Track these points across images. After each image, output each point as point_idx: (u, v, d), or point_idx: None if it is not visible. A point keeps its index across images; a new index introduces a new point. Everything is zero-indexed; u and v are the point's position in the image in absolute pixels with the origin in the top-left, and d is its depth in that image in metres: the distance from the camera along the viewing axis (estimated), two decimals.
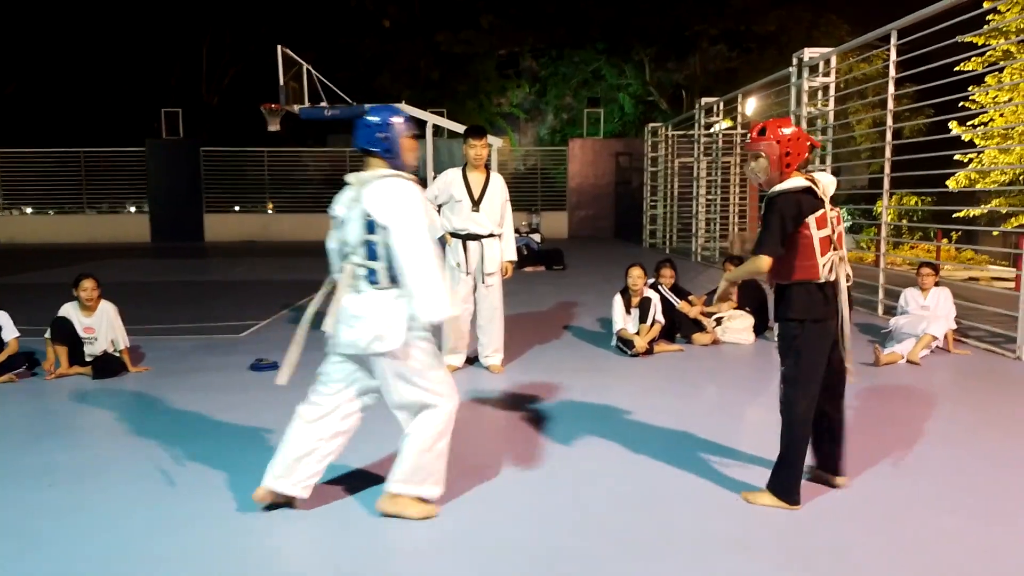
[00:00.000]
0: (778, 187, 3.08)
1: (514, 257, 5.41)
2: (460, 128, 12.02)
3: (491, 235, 5.26)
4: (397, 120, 2.97)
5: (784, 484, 3.04)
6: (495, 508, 3.11)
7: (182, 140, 19.86)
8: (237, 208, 22.31)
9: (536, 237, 14.03)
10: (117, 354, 5.33)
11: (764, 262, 3.03)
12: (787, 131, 3.10)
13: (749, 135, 3.26)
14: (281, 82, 11.31)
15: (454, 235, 5.24)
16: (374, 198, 2.84)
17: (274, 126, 11.68)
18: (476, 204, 5.18)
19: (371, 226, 2.84)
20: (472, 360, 5.50)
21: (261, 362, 5.52)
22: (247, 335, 6.76)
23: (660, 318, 6.07)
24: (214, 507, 3.08)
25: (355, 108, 12.16)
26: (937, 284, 6.11)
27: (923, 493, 3.23)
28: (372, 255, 2.85)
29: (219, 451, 3.74)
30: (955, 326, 6.14)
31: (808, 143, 3.13)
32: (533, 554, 2.70)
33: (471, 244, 5.21)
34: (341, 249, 2.95)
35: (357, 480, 3.35)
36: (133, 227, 20.15)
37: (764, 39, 21.97)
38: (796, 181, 3.06)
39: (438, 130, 12.54)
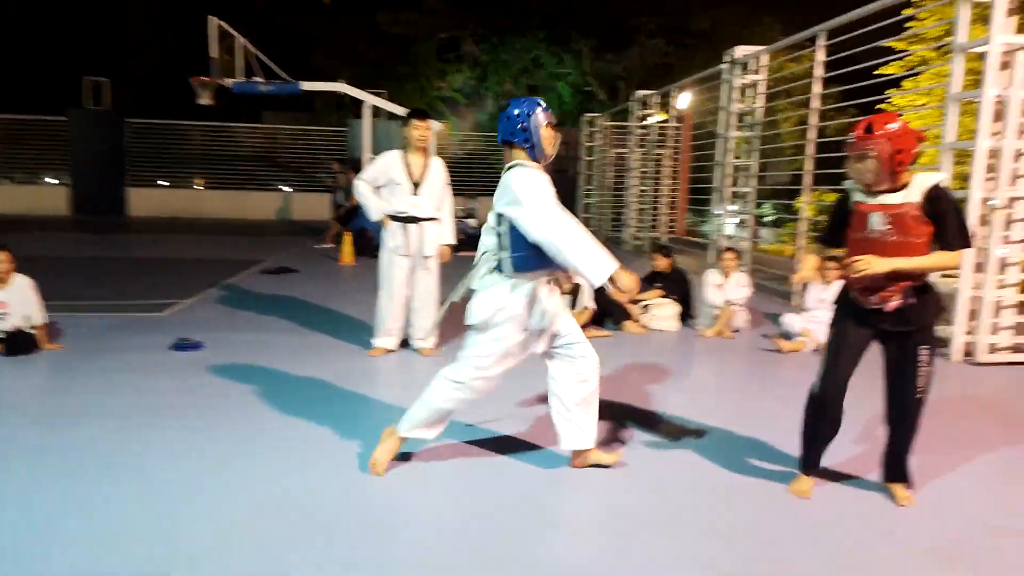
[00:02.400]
0: (937, 179, 2.89)
1: (453, 241, 5.45)
2: (400, 110, 11.89)
3: (431, 219, 5.28)
4: (537, 111, 3.08)
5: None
6: (426, 487, 3.16)
7: (107, 111, 18.97)
8: (164, 183, 21.50)
9: (472, 222, 14.05)
10: (31, 330, 5.13)
11: (961, 257, 2.92)
12: (894, 126, 2.83)
13: (854, 134, 2.91)
14: (213, 54, 10.95)
15: (393, 218, 5.23)
16: (500, 190, 3.03)
17: (205, 100, 11.30)
18: (417, 187, 5.19)
19: (498, 218, 3.04)
20: (404, 344, 5.51)
21: (184, 342, 5.40)
22: (171, 314, 6.59)
23: (591, 304, 6.22)
24: (123, 489, 3.03)
25: (292, 85, 11.88)
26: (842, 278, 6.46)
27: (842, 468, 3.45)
28: (500, 244, 3.06)
29: (127, 431, 3.67)
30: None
31: (916, 137, 2.87)
32: (465, 533, 2.77)
33: (411, 227, 5.22)
34: (488, 234, 3.18)
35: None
36: (51, 199, 19.18)
37: (700, 35, 22.45)
38: (939, 175, 2.93)
39: (376, 111, 12.37)
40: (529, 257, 3.01)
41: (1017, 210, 5.62)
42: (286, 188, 20.91)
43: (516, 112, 3.08)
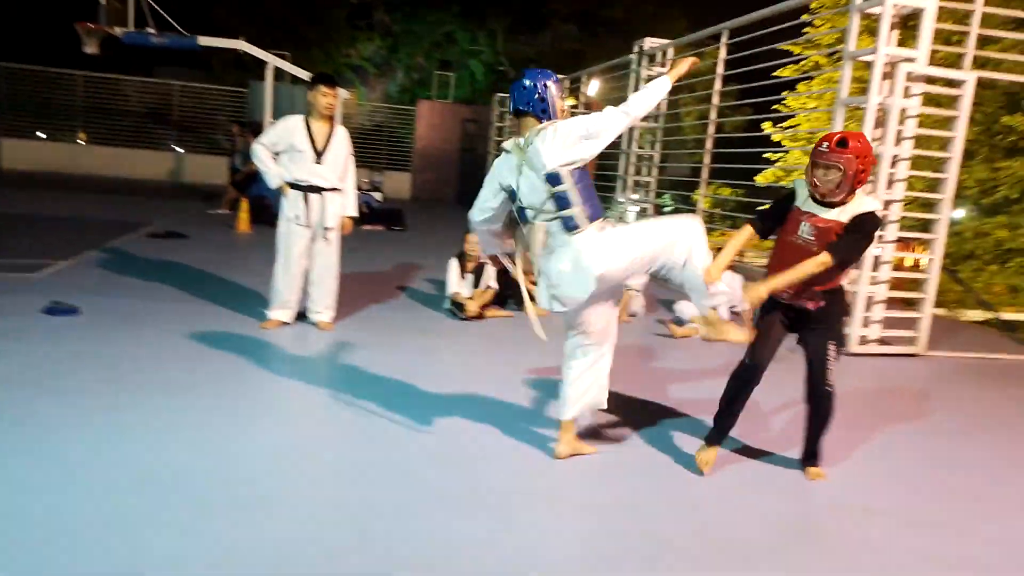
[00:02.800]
0: (874, 207, 3.07)
1: (355, 213, 5.32)
2: (304, 74, 11.47)
3: (333, 189, 5.13)
4: (552, 83, 3.10)
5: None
6: (310, 462, 3.10)
7: None
8: (42, 135, 19.88)
9: (377, 195, 13.80)
10: None
11: (829, 265, 3.02)
12: (862, 146, 3.00)
13: (825, 142, 3.05)
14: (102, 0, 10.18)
15: (294, 186, 5.05)
16: (544, 148, 2.95)
17: (91, 48, 10.50)
18: (319, 156, 5.02)
19: (553, 178, 2.95)
20: (301, 316, 5.36)
21: (58, 306, 5.04)
22: (44, 276, 6.12)
23: (494, 284, 6.25)
24: None
25: (188, 40, 11.21)
26: (731, 268, 6.78)
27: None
28: (564, 204, 2.96)
29: None
30: (748, 307, 6.86)
31: (873, 161, 3.10)
32: (346, 508, 2.74)
33: (312, 196, 5.05)
34: (522, 215, 3.13)
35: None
36: None
37: (611, 24, 22.84)
38: (877, 203, 3.11)
39: (279, 74, 11.88)
40: (597, 205, 3.06)
41: (891, 212, 6.04)
42: (179, 148, 19.80)
43: (532, 82, 3.09)
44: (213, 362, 4.29)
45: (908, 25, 6.11)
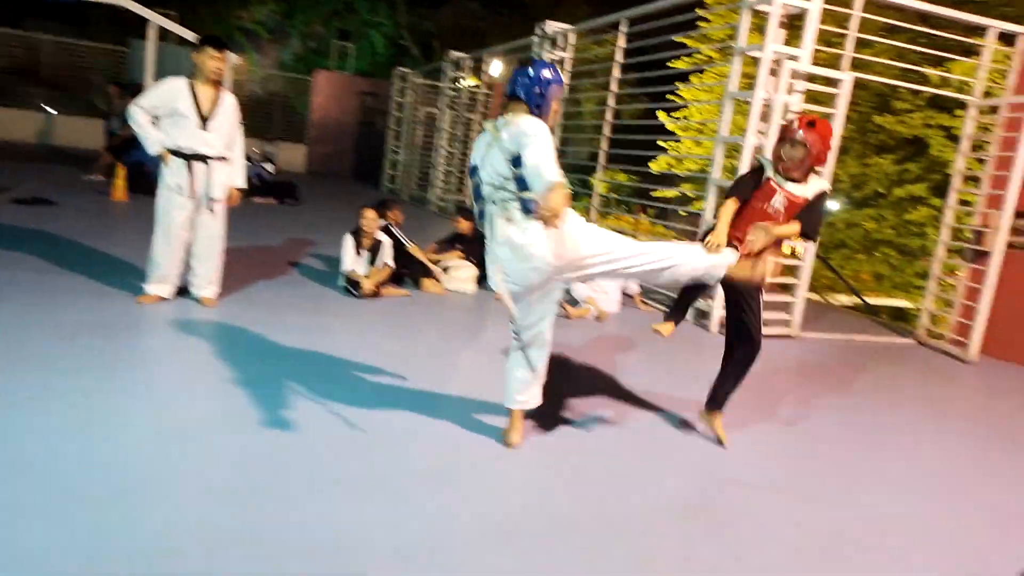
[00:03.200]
0: (826, 187, 3.52)
1: (243, 184, 5.07)
2: (191, 35, 10.79)
3: (220, 158, 4.87)
4: (557, 84, 3.09)
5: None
6: (193, 446, 2.96)
7: None
8: None
9: (269, 167, 13.25)
10: None
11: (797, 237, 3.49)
12: (826, 129, 3.37)
13: (796, 121, 3.43)
14: None
15: (176, 154, 4.75)
16: (515, 134, 2.93)
17: None
18: (205, 122, 4.75)
19: (516, 160, 2.93)
20: (183, 291, 5.09)
21: None
22: None
23: (390, 262, 6.16)
24: None
25: None
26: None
27: (603, 434, 3.74)
28: (524, 186, 2.94)
29: None
30: (639, 289, 7.12)
31: (829, 147, 3.44)
32: (231, 495, 2.63)
33: (196, 165, 4.77)
34: (478, 193, 3.12)
35: None
36: None
37: (514, 5, 22.81)
38: (827, 184, 3.51)
39: (163, 34, 11.13)
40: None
41: None
42: (50, 109, 18.24)
43: (543, 75, 3.06)
44: (84, 339, 4.01)
45: (794, 25, 6.44)
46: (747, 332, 3.62)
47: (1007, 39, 7.04)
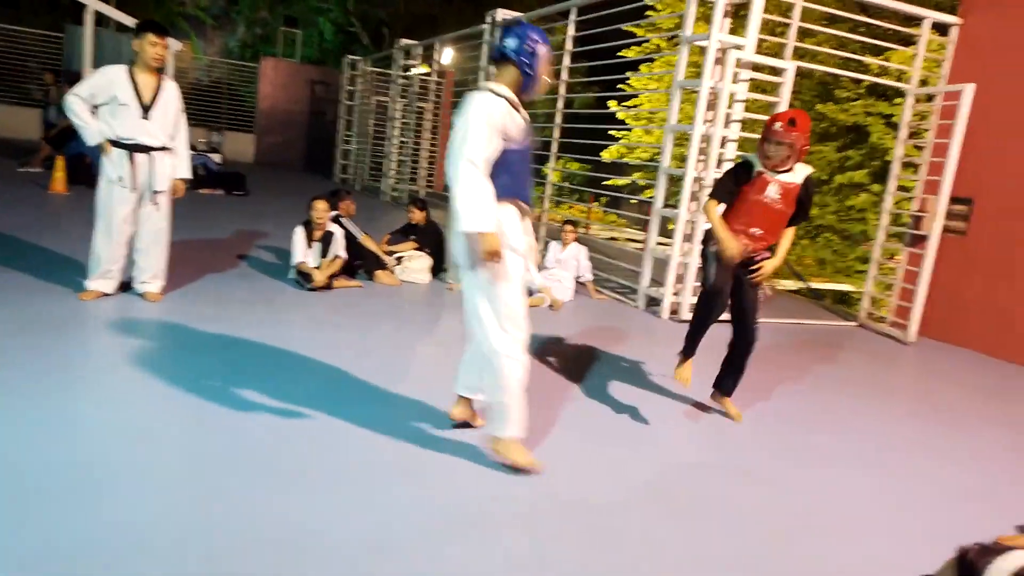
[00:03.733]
0: (810, 171, 3.75)
1: (188, 175, 4.95)
2: (130, 20, 10.46)
3: (162, 148, 4.73)
4: (546, 44, 2.95)
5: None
6: (144, 445, 2.90)
7: None
8: None
9: (216, 157, 12.94)
10: None
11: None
12: (806, 124, 3.58)
13: (778, 121, 3.59)
14: None
15: (117, 144, 4.60)
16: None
17: None
18: (146, 111, 4.61)
19: None
20: (126, 286, 4.95)
21: None
22: None
23: (342, 253, 6.09)
24: None
25: None
26: (578, 241, 7.07)
27: (554, 416, 3.78)
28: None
29: None
30: (592, 277, 7.20)
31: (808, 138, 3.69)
32: (187, 492, 2.59)
33: (138, 156, 4.63)
34: None
35: None
36: None
37: None
38: (809, 168, 3.75)
39: (101, 19, 10.74)
40: (507, 187, 2.87)
41: None
42: None
43: (528, 34, 2.92)
44: (24, 336, 3.87)
45: (739, 14, 6.55)
46: (748, 324, 3.94)
47: (941, 29, 7.28)
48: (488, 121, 2.79)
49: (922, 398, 5.27)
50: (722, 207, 3.86)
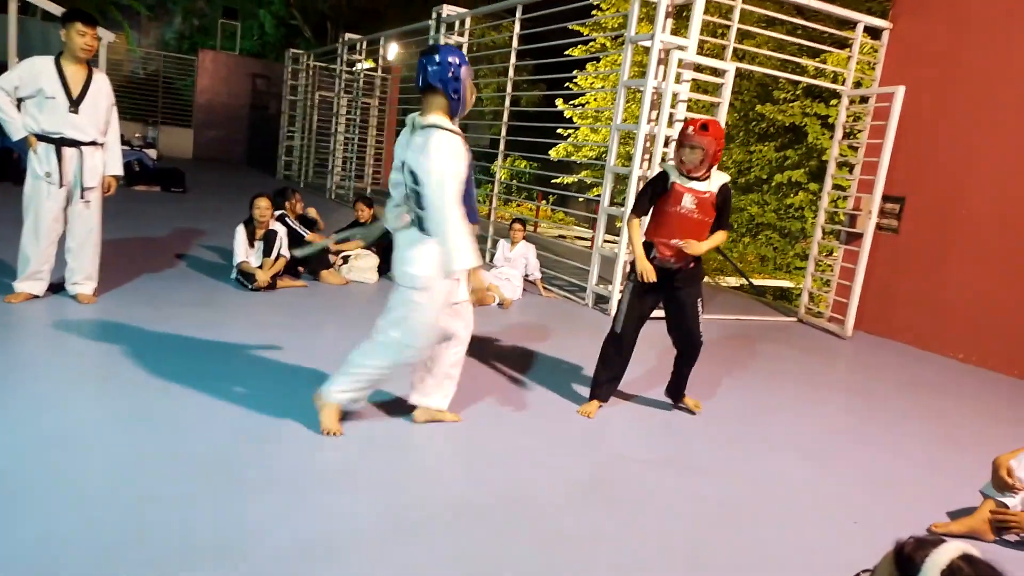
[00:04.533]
0: (727, 179, 3.78)
1: (119, 171, 4.77)
2: (58, 9, 10.01)
3: (92, 143, 4.54)
4: (466, 64, 3.00)
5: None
6: (75, 452, 2.77)
7: None
8: None
9: (151, 152, 12.53)
10: None
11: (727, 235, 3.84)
12: (718, 130, 3.63)
13: (691, 126, 3.63)
14: None
15: (43, 138, 4.40)
16: (419, 152, 2.90)
17: None
18: (75, 104, 4.42)
19: (412, 176, 2.94)
20: (58, 288, 4.75)
21: None
22: None
23: (285, 252, 5.96)
24: None
25: None
26: (526, 239, 7.09)
27: (505, 417, 3.77)
28: (419, 204, 2.95)
29: None
30: (540, 275, 7.23)
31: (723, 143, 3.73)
32: (120, 500, 2.49)
33: (67, 151, 4.44)
34: (399, 190, 3.10)
35: None
36: None
37: None
38: (727, 176, 3.80)
39: (26, 7, 10.27)
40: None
41: None
42: None
43: (449, 59, 2.95)
44: None
45: (682, 15, 6.65)
46: (691, 335, 3.93)
47: (874, 33, 7.54)
48: (458, 163, 2.93)
49: (855, 391, 5.45)
50: (646, 220, 3.91)
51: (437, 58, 2.97)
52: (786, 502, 3.22)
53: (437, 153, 2.89)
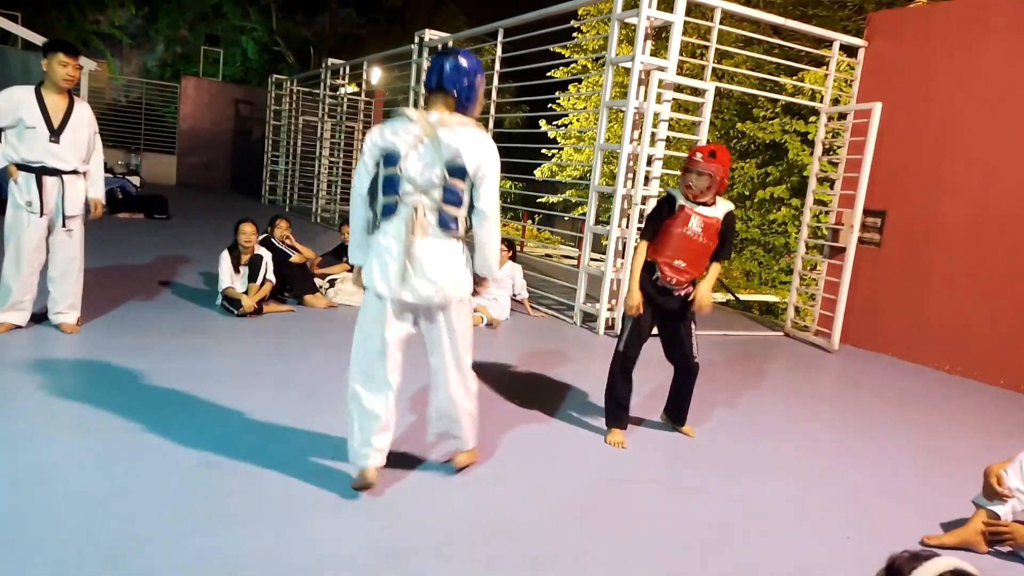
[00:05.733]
0: (731, 207, 3.86)
1: (101, 196, 4.74)
2: (37, 38, 10.01)
3: (74, 172, 4.52)
4: (481, 74, 2.90)
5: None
6: (55, 487, 2.72)
7: None
8: None
9: (135, 180, 12.48)
10: None
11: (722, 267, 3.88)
12: (725, 156, 3.69)
13: (699, 152, 3.68)
14: None
15: (24, 167, 4.37)
16: (471, 146, 2.75)
17: None
18: (55, 134, 4.40)
19: (459, 171, 2.74)
20: (40, 317, 4.69)
21: None
22: None
23: (271, 277, 5.93)
24: None
25: None
26: (513, 259, 7.10)
27: (493, 430, 3.75)
28: (454, 201, 2.77)
29: None
30: (528, 295, 7.23)
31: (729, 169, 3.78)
32: (99, 537, 2.44)
33: (48, 180, 4.41)
34: (392, 185, 2.77)
35: None
36: None
37: (391, 13, 22.66)
38: (731, 204, 3.86)
39: (6, 36, 10.24)
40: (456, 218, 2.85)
41: (649, 206, 6.65)
42: None
43: (468, 66, 2.83)
44: None
45: (661, 36, 6.75)
46: (686, 359, 3.99)
47: (850, 51, 7.68)
48: None
49: (842, 405, 5.47)
50: (644, 247, 3.90)
51: (456, 62, 2.83)
52: (777, 520, 3.21)
53: (494, 153, 2.83)
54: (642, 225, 4.49)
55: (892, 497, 3.64)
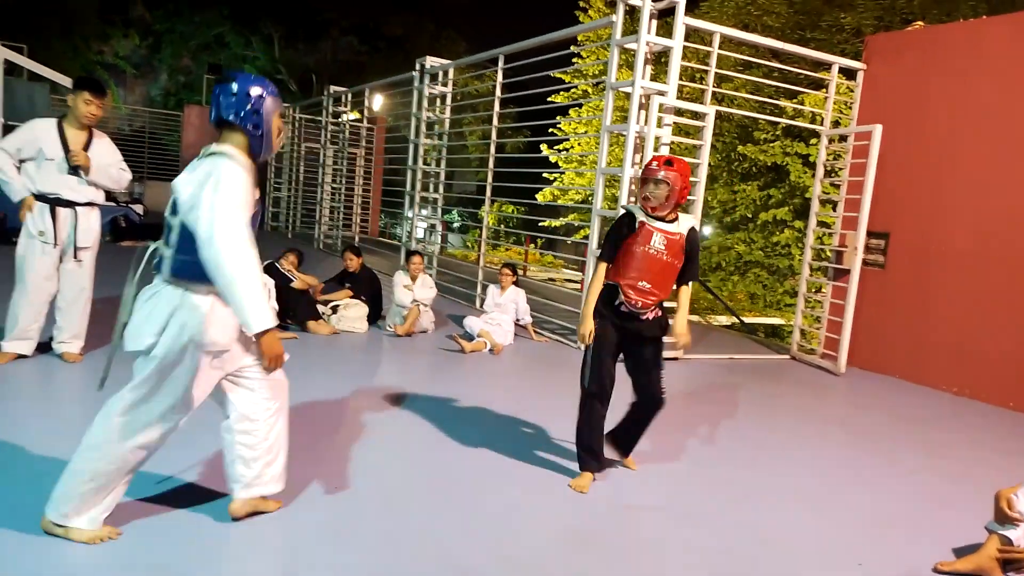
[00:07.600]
0: (695, 223, 3.65)
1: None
2: (44, 70, 10.13)
3: (89, 204, 4.55)
4: (271, 94, 2.53)
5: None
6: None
7: None
8: None
9: (138, 208, 12.54)
10: None
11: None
12: (683, 165, 3.50)
13: (655, 161, 3.52)
14: None
15: (39, 198, 4.40)
16: (189, 175, 2.40)
17: None
18: (75, 169, 4.44)
19: (174, 206, 2.42)
20: (44, 347, 4.68)
21: None
22: None
23: (275, 304, 5.93)
24: None
25: None
26: (516, 283, 7.10)
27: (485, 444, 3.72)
28: (168, 239, 2.43)
29: None
30: (531, 319, 7.21)
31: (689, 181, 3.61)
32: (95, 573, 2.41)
33: (61, 211, 4.44)
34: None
35: None
36: None
37: (392, 41, 22.93)
38: (695, 220, 3.66)
39: (12, 68, 10.35)
40: (196, 264, 2.36)
41: None
42: None
43: (247, 90, 2.48)
44: None
45: (660, 61, 6.80)
46: (650, 391, 3.65)
47: (849, 74, 7.73)
48: (245, 196, 2.43)
49: (849, 428, 5.42)
50: (603, 269, 3.62)
51: (233, 87, 2.49)
52: (786, 547, 3.16)
53: (218, 179, 2.36)
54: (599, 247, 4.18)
55: (903, 522, 3.59)
